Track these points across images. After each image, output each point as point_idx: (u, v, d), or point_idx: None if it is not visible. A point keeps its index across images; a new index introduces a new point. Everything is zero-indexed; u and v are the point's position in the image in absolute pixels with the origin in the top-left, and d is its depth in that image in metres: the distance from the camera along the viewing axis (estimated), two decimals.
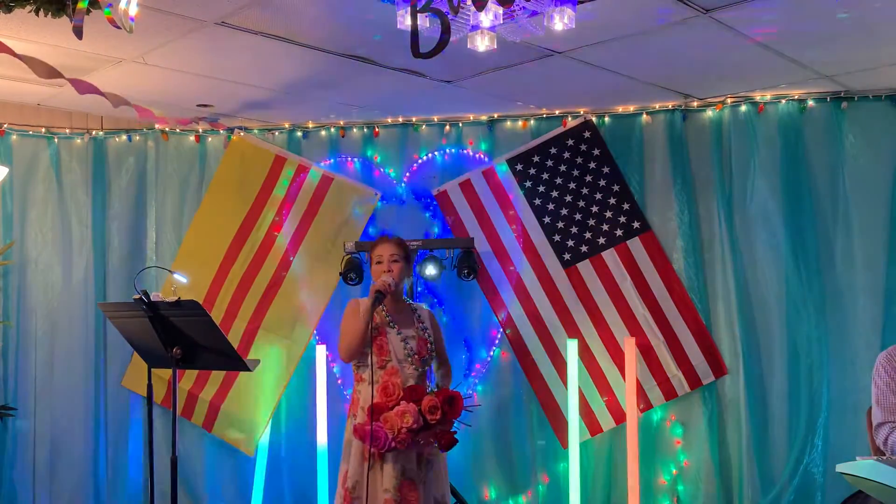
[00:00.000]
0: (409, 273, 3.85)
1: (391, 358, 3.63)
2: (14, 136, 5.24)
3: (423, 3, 2.57)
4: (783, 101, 4.81)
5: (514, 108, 5.14)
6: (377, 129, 5.37)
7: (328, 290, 5.22)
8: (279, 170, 5.33)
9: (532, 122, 5.21)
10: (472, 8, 2.58)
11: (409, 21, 2.61)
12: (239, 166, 5.35)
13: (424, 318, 3.81)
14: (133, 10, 2.74)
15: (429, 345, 3.71)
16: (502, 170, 5.21)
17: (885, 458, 2.75)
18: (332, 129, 5.40)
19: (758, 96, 4.83)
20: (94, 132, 5.41)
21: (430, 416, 3.45)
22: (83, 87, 3.66)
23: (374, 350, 3.62)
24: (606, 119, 5.12)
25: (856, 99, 4.71)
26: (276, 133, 5.42)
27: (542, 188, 5.16)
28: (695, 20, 3.49)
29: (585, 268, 5.10)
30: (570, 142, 5.13)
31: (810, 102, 4.78)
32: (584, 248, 5.10)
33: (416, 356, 3.65)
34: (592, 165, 5.09)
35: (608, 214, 5.07)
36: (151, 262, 5.33)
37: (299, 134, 5.41)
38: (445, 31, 2.55)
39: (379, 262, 3.72)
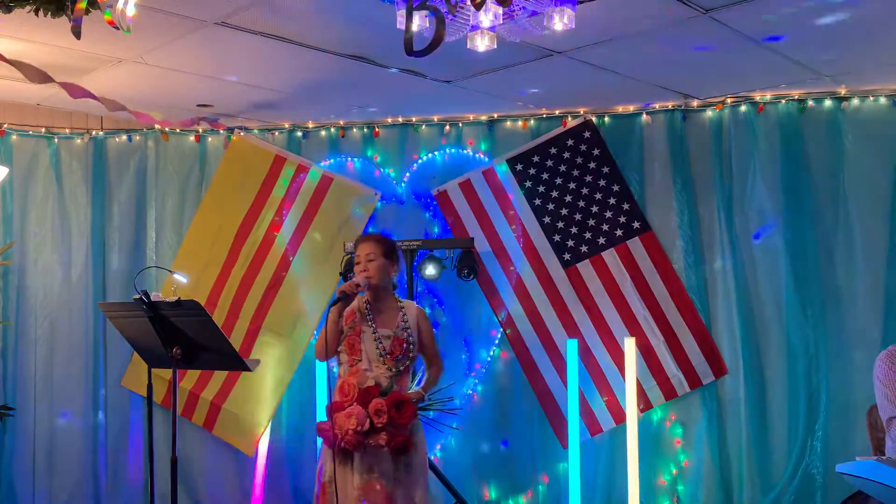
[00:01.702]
0: (392, 269, 3.75)
1: (362, 357, 3.61)
2: (14, 136, 5.24)
3: (420, 2, 2.56)
4: (783, 101, 4.81)
5: (514, 108, 5.14)
6: (377, 129, 5.37)
7: (328, 289, 5.21)
8: (279, 170, 5.33)
9: (532, 122, 5.21)
10: (471, 8, 2.58)
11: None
12: (239, 166, 5.35)
13: (409, 317, 3.73)
14: (130, 11, 2.73)
15: (405, 344, 3.64)
16: (502, 170, 5.21)
17: (885, 458, 2.75)
18: (332, 129, 5.40)
19: (758, 96, 4.83)
20: (94, 132, 5.41)
21: (376, 419, 3.44)
22: (76, 92, 3.64)
23: (346, 348, 3.62)
24: (606, 119, 5.12)
25: (856, 99, 4.71)
26: (276, 133, 5.42)
27: (542, 188, 5.16)
28: (695, 20, 3.49)
29: (585, 268, 5.10)
30: (570, 142, 5.13)
31: (810, 102, 4.78)
32: (584, 248, 5.10)
33: (389, 356, 3.61)
34: (592, 165, 5.09)
35: (608, 214, 5.07)
36: (151, 262, 5.34)
37: (299, 134, 5.41)
38: (438, 37, 2.55)
39: (358, 263, 3.70)
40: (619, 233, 5.06)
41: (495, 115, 5.24)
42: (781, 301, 4.80)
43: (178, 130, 5.43)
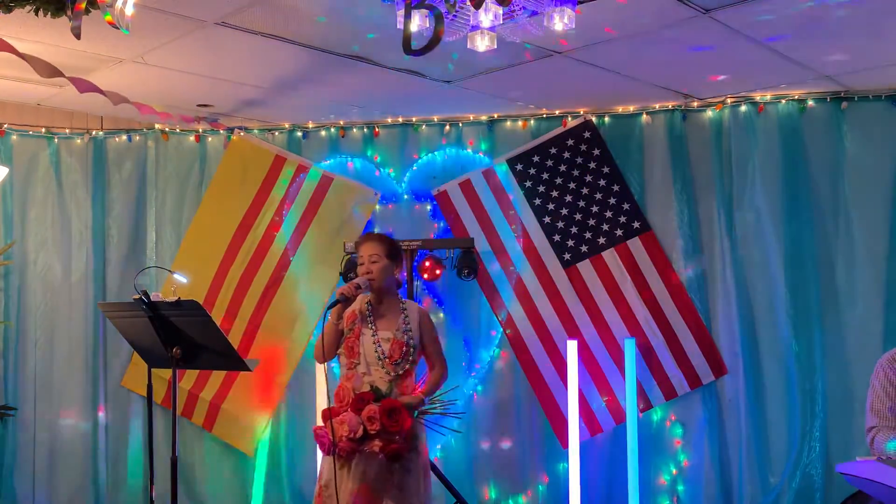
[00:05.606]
0: (396, 270, 3.70)
1: (360, 360, 3.57)
2: (14, 136, 5.24)
3: (419, 1, 2.56)
4: (783, 101, 4.81)
5: (514, 108, 5.14)
6: (377, 129, 5.37)
7: (328, 290, 5.21)
8: (279, 170, 5.33)
9: (532, 122, 5.21)
10: (471, 8, 2.58)
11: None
12: (239, 166, 5.35)
13: (411, 319, 3.67)
14: (129, 11, 2.74)
15: (405, 347, 3.58)
16: (502, 170, 5.22)
17: (885, 458, 2.75)
18: (332, 129, 5.40)
19: (758, 96, 4.83)
20: (94, 132, 5.41)
21: (369, 426, 3.42)
22: (84, 86, 3.66)
23: (345, 351, 3.57)
24: (606, 119, 5.12)
25: (856, 99, 4.71)
26: (276, 133, 5.42)
27: (542, 188, 5.16)
28: (695, 20, 3.50)
29: (585, 268, 5.10)
30: (570, 142, 5.13)
31: (810, 102, 4.78)
32: (584, 248, 5.10)
33: (388, 360, 3.55)
34: (592, 165, 5.09)
35: (608, 214, 5.07)
36: (151, 262, 5.34)
37: (299, 134, 5.41)
38: (437, 36, 2.55)
39: (361, 263, 3.66)
40: (619, 233, 5.06)
41: (495, 115, 5.24)
42: (781, 301, 4.80)
43: (177, 130, 5.43)
